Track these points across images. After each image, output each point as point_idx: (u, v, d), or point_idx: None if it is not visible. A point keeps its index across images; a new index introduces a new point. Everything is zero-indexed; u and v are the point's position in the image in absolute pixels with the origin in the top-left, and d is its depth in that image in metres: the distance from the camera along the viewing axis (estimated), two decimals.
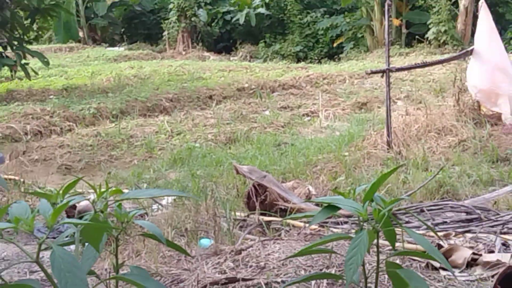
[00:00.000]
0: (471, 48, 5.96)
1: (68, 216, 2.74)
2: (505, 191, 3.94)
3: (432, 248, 1.40)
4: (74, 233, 1.30)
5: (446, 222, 3.52)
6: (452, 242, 2.98)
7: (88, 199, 1.51)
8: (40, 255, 1.21)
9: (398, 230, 1.71)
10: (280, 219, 3.69)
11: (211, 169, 5.19)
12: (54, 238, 1.79)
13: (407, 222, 3.04)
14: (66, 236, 1.37)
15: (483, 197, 4.02)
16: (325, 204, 1.42)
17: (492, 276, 2.46)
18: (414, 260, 2.64)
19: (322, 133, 6.54)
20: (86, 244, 1.32)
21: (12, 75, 8.73)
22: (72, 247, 1.34)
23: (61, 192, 1.30)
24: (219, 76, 10.10)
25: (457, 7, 11.82)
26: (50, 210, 1.19)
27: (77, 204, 3.59)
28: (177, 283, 2.65)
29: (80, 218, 1.40)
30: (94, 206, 1.37)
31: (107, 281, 1.57)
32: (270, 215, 3.79)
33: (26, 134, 6.27)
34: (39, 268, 1.34)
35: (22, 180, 4.90)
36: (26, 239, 2.79)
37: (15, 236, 1.38)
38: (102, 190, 1.38)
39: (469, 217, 3.58)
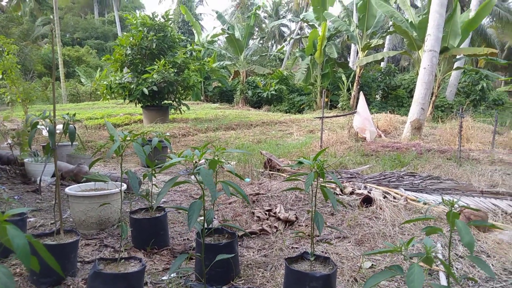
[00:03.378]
0: (355, 110, 10.07)
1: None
2: (366, 167, 6.50)
3: (337, 180, 2.24)
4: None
5: (342, 177, 5.58)
6: (345, 184, 5.00)
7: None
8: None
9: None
10: (276, 173, 5.94)
11: (250, 152, 8.01)
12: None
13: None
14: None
15: (357, 169, 6.30)
16: (297, 161, 2.33)
17: (359, 198, 4.31)
18: (332, 187, 4.65)
19: (294, 141, 10.27)
20: (210, 170, 2.04)
21: (175, 112, 13.64)
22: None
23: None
24: (255, 116, 15.45)
25: (350, 94, 18.68)
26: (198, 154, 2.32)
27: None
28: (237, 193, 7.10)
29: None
30: (214, 155, 2.38)
31: (216, 182, 2.36)
32: (272, 171, 6.02)
33: (179, 135, 10.77)
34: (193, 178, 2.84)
35: (175, 151, 11.10)
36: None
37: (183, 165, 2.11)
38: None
39: (351, 176, 5.70)
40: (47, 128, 2.42)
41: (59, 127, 3.43)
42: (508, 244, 3.32)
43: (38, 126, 2.71)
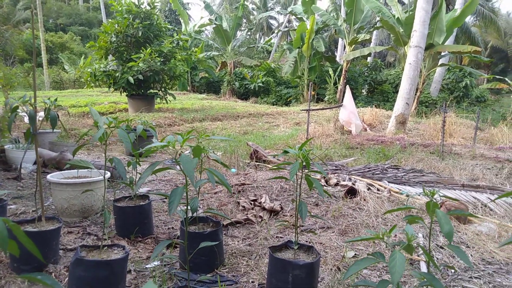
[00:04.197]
0: (341, 104, 10.12)
1: None
2: (351, 160, 6.65)
3: (322, 169, 2.23)
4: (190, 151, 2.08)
5: (327, 169, 5.70)
6: (330, 176, 5.07)
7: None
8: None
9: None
10: (262, 164, 6.09)
11: (237, 143, 8.29)
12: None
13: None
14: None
15: (343, 161, 6.50)
16: (283, 150, 2.33)
17: (344, 190, 4.42)
18: (317, 178, 4.76)
19: (281, 133, 10.43)
20: (192, 157, 2.01)
21: (160, 102, 13.59)
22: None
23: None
24: (242, 108, 15.69)
25: (337, 88, 18.84)
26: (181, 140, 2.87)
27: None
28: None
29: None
30: (197, 142, 2.51)
31: (201, 171, 2.63)
32: (259, 162, 6.18)
33: (164, 125, 10.86)
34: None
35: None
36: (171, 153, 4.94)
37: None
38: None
39: (336, 168, 5.84)
40: (28, 113, 2.36)
41: (41, 114, 3.35)
42: (486, 235, 3.41)
43: (20, 113, 2.64)
